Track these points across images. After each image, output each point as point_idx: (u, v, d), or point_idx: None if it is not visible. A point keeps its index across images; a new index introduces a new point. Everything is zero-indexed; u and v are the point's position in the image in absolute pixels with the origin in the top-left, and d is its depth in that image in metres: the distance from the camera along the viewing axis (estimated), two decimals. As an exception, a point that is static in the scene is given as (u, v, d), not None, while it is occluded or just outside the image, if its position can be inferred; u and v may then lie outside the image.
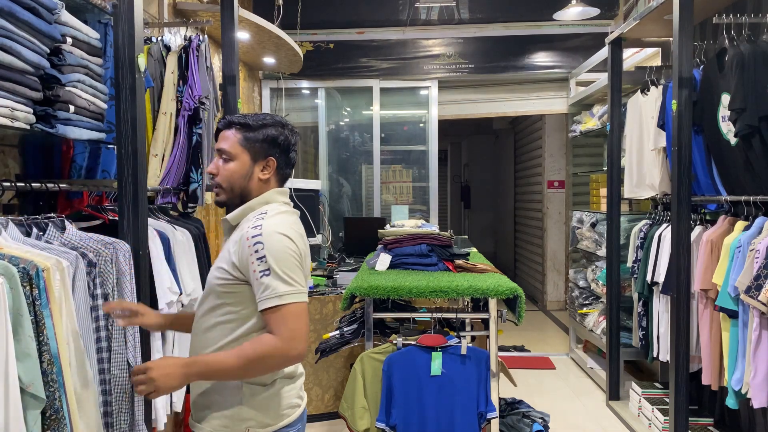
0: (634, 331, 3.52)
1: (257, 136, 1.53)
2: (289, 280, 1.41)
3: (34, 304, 1.34)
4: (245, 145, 1.52)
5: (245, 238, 1.43)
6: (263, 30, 3.78)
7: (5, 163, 1.89)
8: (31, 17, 1.48)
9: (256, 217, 1.48)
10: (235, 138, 1.53)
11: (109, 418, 1.65)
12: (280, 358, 1.40)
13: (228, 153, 1.52)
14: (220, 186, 1.54)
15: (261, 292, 1.40)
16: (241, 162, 1.52)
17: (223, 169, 1.53)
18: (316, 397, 3.60)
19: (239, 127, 1.53)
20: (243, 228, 1.48)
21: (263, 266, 1.40)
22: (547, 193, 6.91)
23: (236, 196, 1.54)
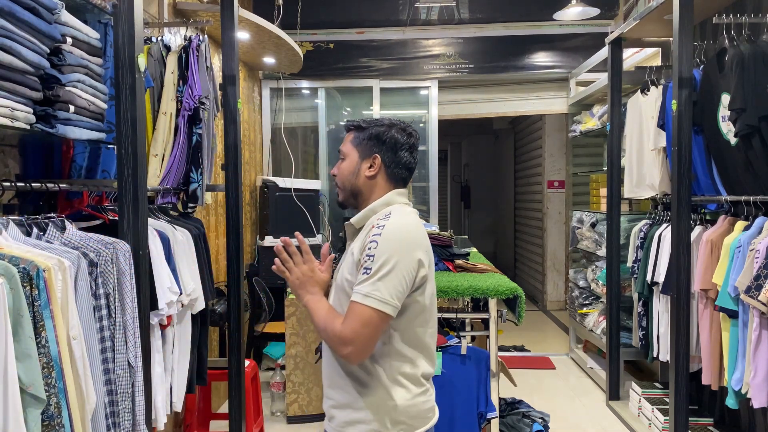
0: (634, 331, 3.52)
1: (364, 134, 1.60)
2: (381, 287, 1.39)
3: (33, 305, 1.33)
4: (355, 144, 1.60)
5: (368, 234, 1.48)
6: (263, 30, 3.78)
7: (5, 163, 1.89)
8: (31, 17, 1.48)
9: (380, 219, 1.51)
10: (348, 138, 1.62)
11: (116, 417, 1.65)
12: (333, 346, 1.45)
13: (342, 152, 1.61)
14: (338, 185, 1.62)
15: (356, 285, 1.44)
16: (350, 160, 1.59)
17: (339, 168, 1.61)
18: (316, 397, 3.59)
19: (353, 128, 1.62)
20: (368, 230, 1.51)
21: (368, 263, 1.43)
22: (547, 193, 6.91)
23: (349, 194, 1.61)
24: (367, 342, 1.40)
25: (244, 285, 3.11)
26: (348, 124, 1.63)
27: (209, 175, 2.73)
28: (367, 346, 1.40)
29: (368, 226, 1.52)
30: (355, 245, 1.52)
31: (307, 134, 5.69)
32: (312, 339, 3.57)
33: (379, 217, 1.51)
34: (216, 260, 3.81)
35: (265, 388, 3.82)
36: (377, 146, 1.57)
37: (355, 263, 1.48)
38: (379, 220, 1.49)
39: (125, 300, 1.73)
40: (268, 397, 3.79)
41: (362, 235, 1.52)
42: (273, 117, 5.24)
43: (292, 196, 4.59)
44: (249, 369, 3.07)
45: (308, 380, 3.59)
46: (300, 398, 3.58)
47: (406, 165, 1.58)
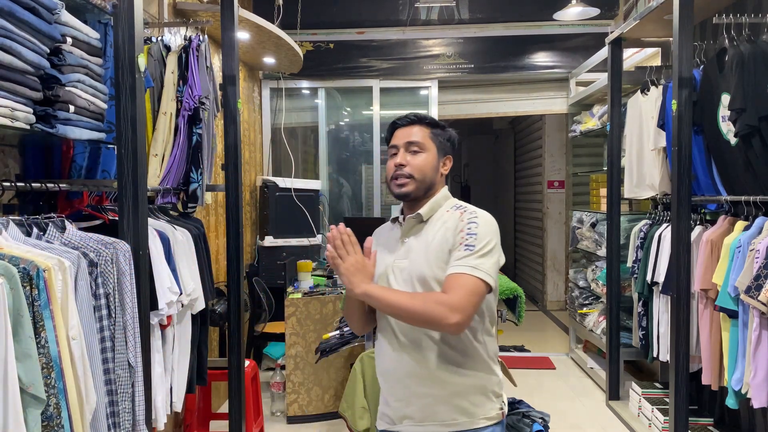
0: (634, 331, 3.52)
1: (444, 133, 1.64)
2: (485, 262, 1.48)
3: (33, 305, 1.33)
4: (434, 140, 1.62)
5: (459, 219, 1.54)
6: (263, 30, 3.78)
7: (5, 163, 1.89)
8: (31, 17, 1.48)
9: (456, 207, 1.59)
10: (424, 132, 1.61)
11: (116, 417, 1.65)
12: (440, 311, 1.43)
13: (420, 145, 1.60)
14: (411, 176, 1.59)
15: (456, 260, 1.48)
16: (432, 154, 1.61)
17: (413, 159, 1.59)
18: (316, 397, 3.59)
19: (428, 123, 1.63)
20: (447, 219, 1.56)
21: (471, 240, 1.49)
22: (547, 193, 6.91)
23: (425, 186, 1.60)
24: (473, 311, 1.45)
25: (244, 285, 3.11)
26: (421, 117, 1.64)
27: (209, 175, 2.73)
28: (472, 315, 1.46)
29: (440, 217, 1.58)
30: (427, 235, 1.57)
31: (307, 134, 5.69)
32: (312, 339, 3.57)
33: (449, 208, 1.60)
34: (216, 260, 3.81)
35: (265, 388, 3.82)
36: (451, 149, 1.66)
37: (436, 250, 1.52)
38: (456, 209, 1.58)
39: (125, 300, 1.73)
40: (268, 397, 3.79)
41: (437, 224, 1.57)
42: (273, 117, 5.24)
43: (292, 196, 4.59)
44: (249, 369, 3.07)
45: (308, 380, 3.59)
46: (300, 398, 3.58)
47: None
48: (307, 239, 4.62)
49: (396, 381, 1.58)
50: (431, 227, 1.58)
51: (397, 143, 1.62)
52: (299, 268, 3.81)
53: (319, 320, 3.60)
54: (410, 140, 1.60)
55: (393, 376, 1.59)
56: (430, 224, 1.58)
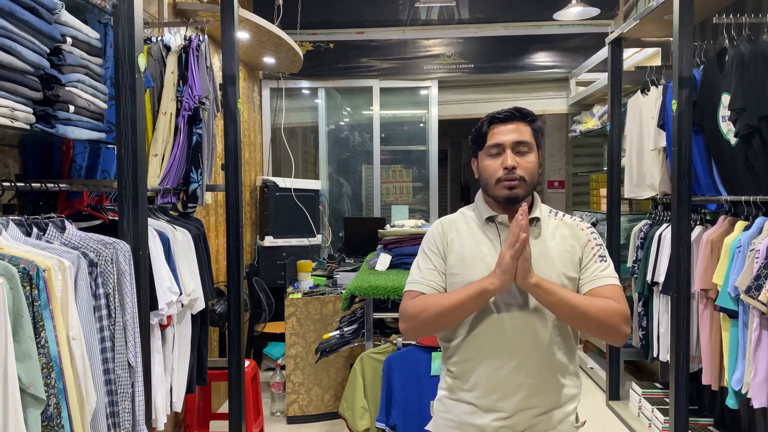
0: (634, 331, 3.52)
1: (539, 127, 1.56)
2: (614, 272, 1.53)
3: (33, 305, 1.33)
4: (536, 137, 1.54)
5: (579, 229, 1.55)
6: (263, 30, 3.78)
7: (5, 163, 1.89)
8: (31, 17, 1.48)
9: (554, 213, 1.59)
10: (528, 129, 1.53)
11: (116, 418, 1.65)
12: (622, 321, 1.44)
13: (529, 145, 1.51)
14: (522, 179, 1.50)
15: (600, 271, 1.50)
16: (536, 154, 1.53)
17: (525, 162, 1.50)
18: (316, 397, 3.59)
19: (530, 119, 1.55)
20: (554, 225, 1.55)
21: (602, 252, 1.52)
22: (547, 193, 6.91)
23: (533, 188, 1.55)
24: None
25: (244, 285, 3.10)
26: (524, 112, 1.54)
27: (209, 175, 2.73)
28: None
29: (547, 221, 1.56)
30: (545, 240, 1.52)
31: (307, 134, 5.69)
32: (312, 339, 3.57)
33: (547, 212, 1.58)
34: (216, 260, 3.81)
35: (265, 388, 3.82)
36: (542, 141, 1.58)
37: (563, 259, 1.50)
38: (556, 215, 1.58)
39: (125, 300, 1.73)
40: (268, 397, 3.79)
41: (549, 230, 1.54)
42: (273, 117, 5.24)
43: (292, 196, 4.59)
44: (249, 369, 3.07)
45: (308, 380, 3.59)
46: (300, 398, 3.58)
47: None
48: (307, 239, 4.62)
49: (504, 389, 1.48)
50: (547, 232, 1.53)
51: (503, 141, 1.50)
52: (299, 268, 3.81)
53: (319, 320, 3.60)
54: (520, 140, 1.50)
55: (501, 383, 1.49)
56: (544, 228, 1.53)
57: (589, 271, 1.50)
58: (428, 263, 1.57)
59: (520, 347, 1.48)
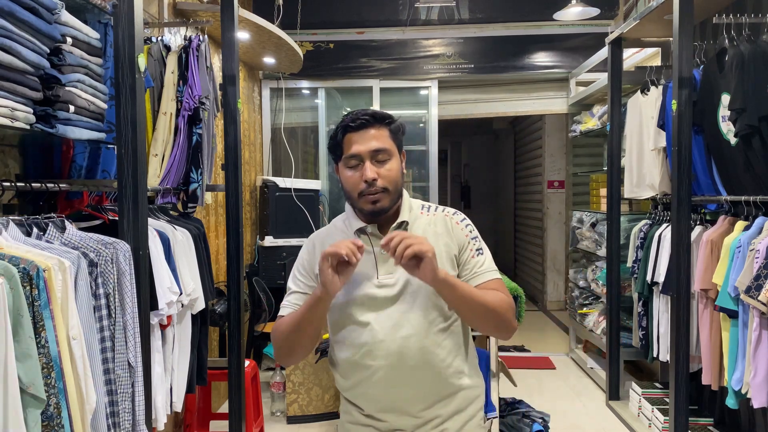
0: (634, 331, 3.52)
1: (398, 128, 1.45)
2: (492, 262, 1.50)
3: (33, 305, 1.33)
4: (394, 140, 1.44)
5: (453, 223, 1.49)
6: (263, 30, 3.78)
7: (5, 163, 1.89)
8: (31, 17, 1.48)
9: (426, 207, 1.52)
10: (385, 134, 1.42)
11: (116, 417, 1.65)
12: (512, 319, 1.43)
13: (387, 152, 1.41)
14: (385, 190, 1.40)
15: (479, 266, 1.45)
16: (397, 158, 1.44)
17: (385, 171, 1.40)
18: (316, 397, 3.59)
19: (386, 122, 1.44)
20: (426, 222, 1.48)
21: (478, 245, 1.48)
22: (547, 193, 6.91)
23: (398, 196, 1.46)
24: None
25: (244, 285, 3.10)
26: (378, 116, 1.42)
27: (209, 175, 2.73)
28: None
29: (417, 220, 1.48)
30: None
31: (307, 134, 5.69)
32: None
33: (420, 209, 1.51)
34: (216, 260, 3.80)
35: (265, 388, 3.82)
36: (402, 139, 1.48)
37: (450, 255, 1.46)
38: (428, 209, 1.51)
39: (125, 300, 1.73)
40: (268, 397, 3.79)
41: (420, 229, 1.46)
42: (273, 117, 5.24)
43: (292, 196, 4.59)
44: (249, 369, 3.07)
45: (308, 380, 3.59)
46: (300, 398, 3.58)
47: None
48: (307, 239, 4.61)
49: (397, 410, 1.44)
50: (419, 232, 1.45)
51: (359, 152, 1.39)
52: (299, 268, 3.81)
53: (319, 320, 3.60)
54: (378, 147, 1.40)
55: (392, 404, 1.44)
56: (415, 230, 1.46)
57: (468, 267, 1.45)
58: (296, 285, 1.52)
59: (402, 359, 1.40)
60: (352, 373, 1.47)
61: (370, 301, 1.43)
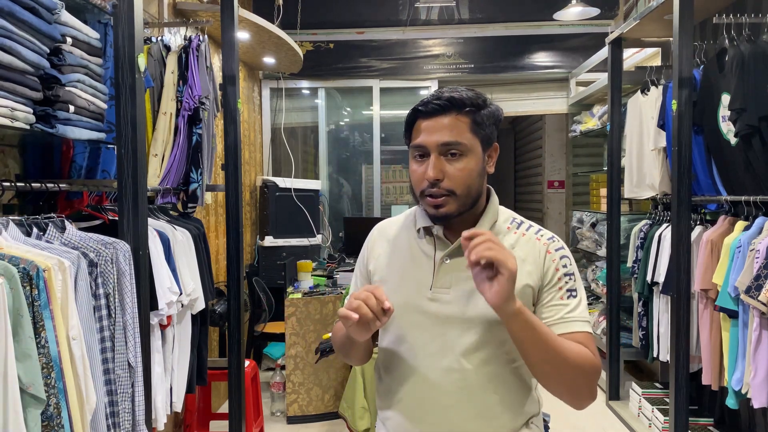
0: (634, 331, 3.52)
1: (488, 116, 1.19)
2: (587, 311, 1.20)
3: (33, 305, 1.33)
4: (477, 132, 1.17)
5: (545, 250, 1.20)
6: (263, 30, 3.78)
7: (5, 163, 1.89)
8: (31, 17, 1.48)
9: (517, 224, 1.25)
10: (464, 124, 1.16)
11: (116, 418, 1.65)
12: (594, 380, 1.17)
13: (461, 147, 1.15)
14: (451, 192, 1.16)
15: (567, 311, 1.17)
16: (476, 155, 1.17)
17: (453, 169, 1.15)
18: (316, 397, 3.59)
19: (468, 109, 1.16)
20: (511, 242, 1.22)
21: (572, 284, 1.19)
22: (547, 193, 6.91)
23: (471, 201, 1.20)
24: None
25: (244, 285, 3.10)
26: (457, 101, 1.15)
27: (209, 175, 2.73)
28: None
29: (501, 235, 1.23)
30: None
31: (307, 134, 5.69)
32: (312, 339, 3.57)
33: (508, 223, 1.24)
34: (216, 260, 3.81)
35: (265, 388, 3.82)
36: (496, 131, 1.22)
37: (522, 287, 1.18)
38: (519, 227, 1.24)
39: (125, 300, 1.73)
40: (268, 397, 3.79)
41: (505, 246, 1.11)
42: (273, 117, 5.24)
43: (292, 196, 4.59)
44: (249, 369, 3.07)
45: (308, 380, 3.59)
46: (300, 398, 3.58)
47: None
48: (307, 239, 4.62)
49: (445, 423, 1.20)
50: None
51: (425, 143, 1.16)
52: (299, 268, 3.81)
53: (319, 320, 3.60)
54: (445, 141, 1.15)
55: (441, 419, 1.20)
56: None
57: (552, 309, 1.17)
58: (354, 285, 1.37)
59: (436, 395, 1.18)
60: (385, 390, 1.28)
61: (417, 315, 1.21)
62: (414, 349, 1.21)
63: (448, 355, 1.18)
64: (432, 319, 1.20)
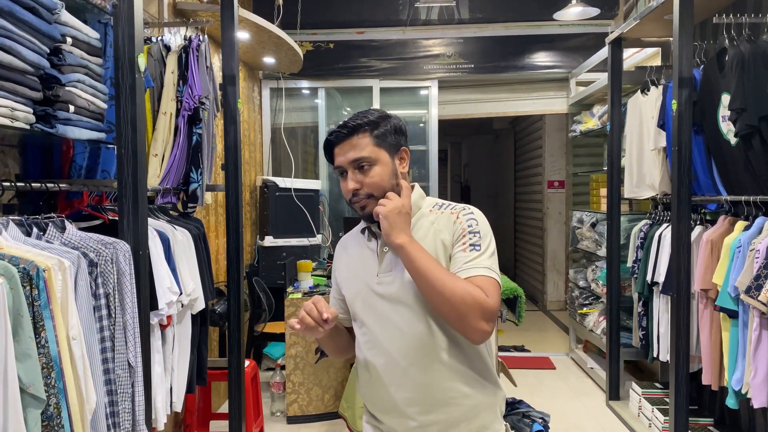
0: (634, 331, 3.52)
1: (388, 129, 1.44)
2: (494, 264, 1.38)
3: (33, 305, 1.33)
4: (381, 144, 1.42)
5: (455, 216, 1.41)
6: (263, 30, 3.78)
7: (5, 163, 1.89)
8: (31, 17, 1.48)
9: (439, 206, 1.47)
10: (366, 141, 1.41)
11: (116, 418, 1.65)
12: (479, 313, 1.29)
13: (368, 160, 1.40)
14: (370, 196, 1.41)
15: (467, 261, 1.35)
16: (384, 162, 1.41)
17: (366, 178, 1.40)
18: (316, 397, 3.59)
19: (366, 128, 1.42)
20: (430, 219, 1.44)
21: (475, 239, 1.37)
22: (547, 193, 6.91)
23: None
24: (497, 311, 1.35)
25: (244, 285, 3.10)
26: (355, 125, 1.41)
27: (209, 175, 2.73)
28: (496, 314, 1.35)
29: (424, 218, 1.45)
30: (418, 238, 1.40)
31: (307, 134, 5.69)
32: (312, 339, 3.57)
33: (430, 207, 1.47)
34: (216, 260, 3.81)
35: (265, 388, 3.82)
36: (401, 137, 1.46)
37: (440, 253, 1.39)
38: (441, 208, 1.46)
39: (125, 300, 1.73)
40: (268, 397, 3.79)
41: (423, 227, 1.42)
42: (273, 117, 5.24)
43: (292, 196, 4.59)
44: (249, 369, 3.07)
45: (308, 380, 3.59)
46: (300, 398, 3.58)
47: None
48: (307, 239, 4.62)
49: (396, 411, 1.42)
50: (418, 231, 1.42)
51: (342, 164, 1.42)
52: (299, 268, 3.81)
53: (319, 320, 3.59)
54: (354, 158, 1.40)
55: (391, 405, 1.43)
56: (416, 229, 1.42)
57: (457, 260, 1.37)
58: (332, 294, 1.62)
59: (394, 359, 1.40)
60: (360, 370, 1.51)
61: (370, 298, 1.45)
62: (371, 327, 1.45)
63: (399, 324, 1.41)
64: (382, 299, 1.43)
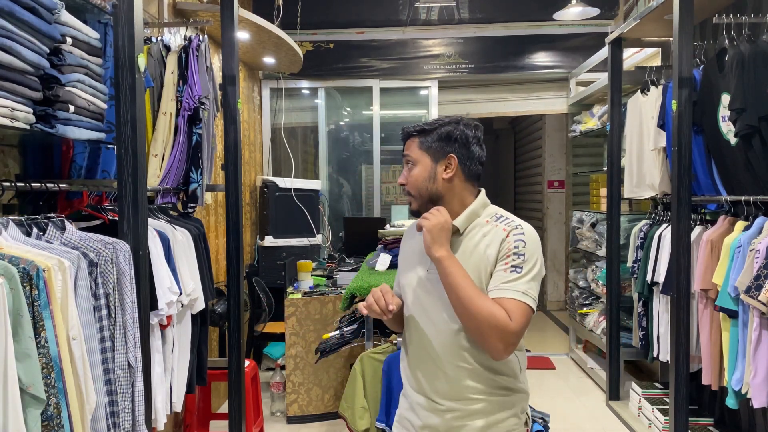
0: (634, 331, 3.52)
1: (433, 134, 1.54)
2: (534, 287, 1.43)
3: (33, 305, 1.33)
4: (423, 147, 1.54)
5: (505, 234, 1.46)
6: (263, 30, 3.78)
7: (5, 163, 1.89)
8: (31, 17, 1.48)
9: (497, 218, 1.52)
10: (414, 143, 1.56)
11: (116, 418, 1.65)
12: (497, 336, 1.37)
13: (410, 159, 1.56)
14: (410, 194, 1.57)
15: (504, 281, 1.41)
16: (423, 165, 1.54)
17: (409, 176, 1.55)
18: (316, 397, 3.59)
19: (416, 133, 1.57)
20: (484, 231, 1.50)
21: (518, 261, 1.42)
22: (547, 193, 6.91)
23: (426, 200, 1.55)
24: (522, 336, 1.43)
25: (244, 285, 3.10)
26: (409, 131, 1.58)
27: (209, 175, 2.73)
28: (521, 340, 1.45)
29: (479, 228, 1.51)
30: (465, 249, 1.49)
31: (307, 134, 5.69)
32: (312, 339, 3.57)
33: (489, 217, 1.53)
34: (216, 260, 3.81)
35: (265, 388, 3.82)
36: (450, 145, 1.53)
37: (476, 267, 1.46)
38: (497, 220, 1.51)
39: (125, 300, 1.73)
40: (268, 397, 3.79)
41: (476, 237, 1.49)
42: (273, 117, 5.24)
43: (292, 196, 4.59)
44: (249, 369, 3.07)
45: (308, 380, 3.59)
46: (300, 398, 3.58)
47: (479, 159, 1.57)
48: (307, 239, 4.62)
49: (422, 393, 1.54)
50: (470, 240, 1.49)
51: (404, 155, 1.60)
52: (299, 268, 3.81)
53: (319, 320, 3.60)
54: (404, 154, 1.58)
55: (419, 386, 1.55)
56: (468, 237, 1.50)
57: (495, 279, 1.43)
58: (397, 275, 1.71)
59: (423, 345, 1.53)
60: (402, 347, 1.66)
61: (418, 289, 1.56)
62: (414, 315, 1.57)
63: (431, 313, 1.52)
64: (427, 293, 1.53)
